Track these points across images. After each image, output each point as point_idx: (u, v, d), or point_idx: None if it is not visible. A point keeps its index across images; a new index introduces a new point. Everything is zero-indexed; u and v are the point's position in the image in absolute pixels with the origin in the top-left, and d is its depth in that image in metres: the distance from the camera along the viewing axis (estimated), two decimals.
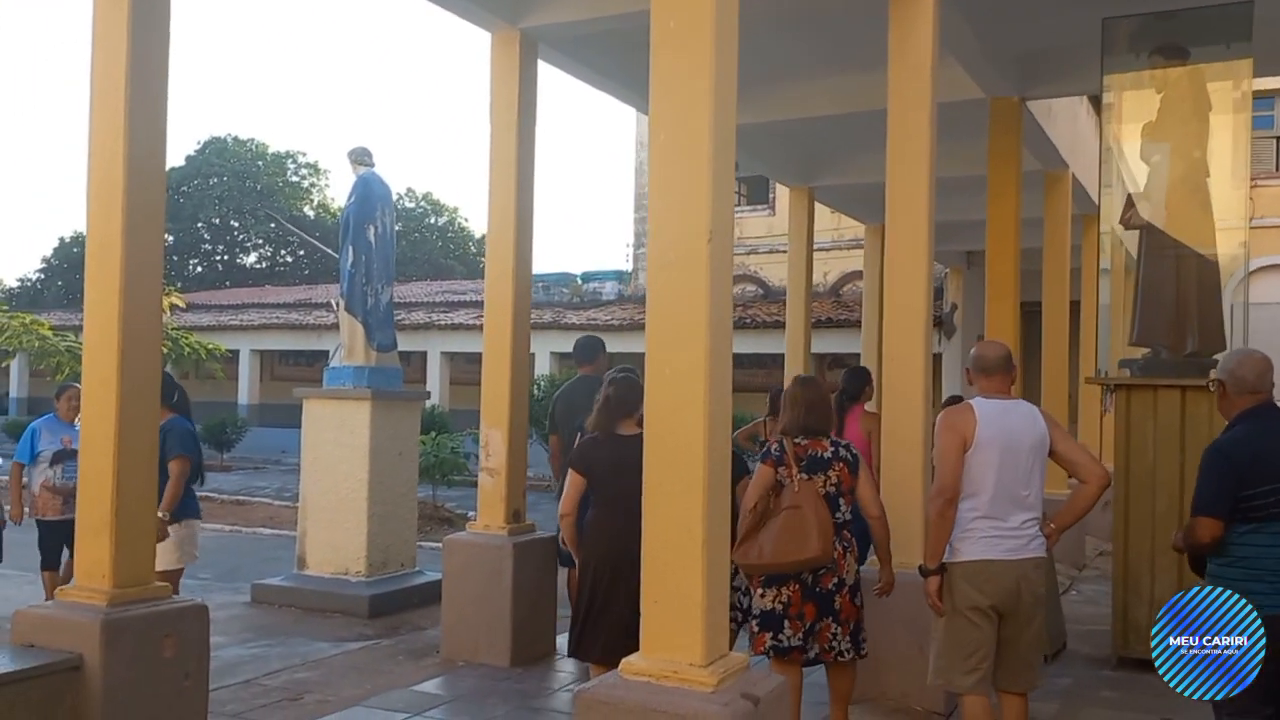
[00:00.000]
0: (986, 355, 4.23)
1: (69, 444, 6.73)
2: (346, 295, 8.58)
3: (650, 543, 3.27)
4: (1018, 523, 4.04)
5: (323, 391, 8.59)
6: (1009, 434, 4.04)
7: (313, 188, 42.74)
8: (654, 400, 3.30)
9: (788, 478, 4.40)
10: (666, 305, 3.31)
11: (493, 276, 6.64)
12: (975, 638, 4.03)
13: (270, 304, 27.42)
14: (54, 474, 6.90)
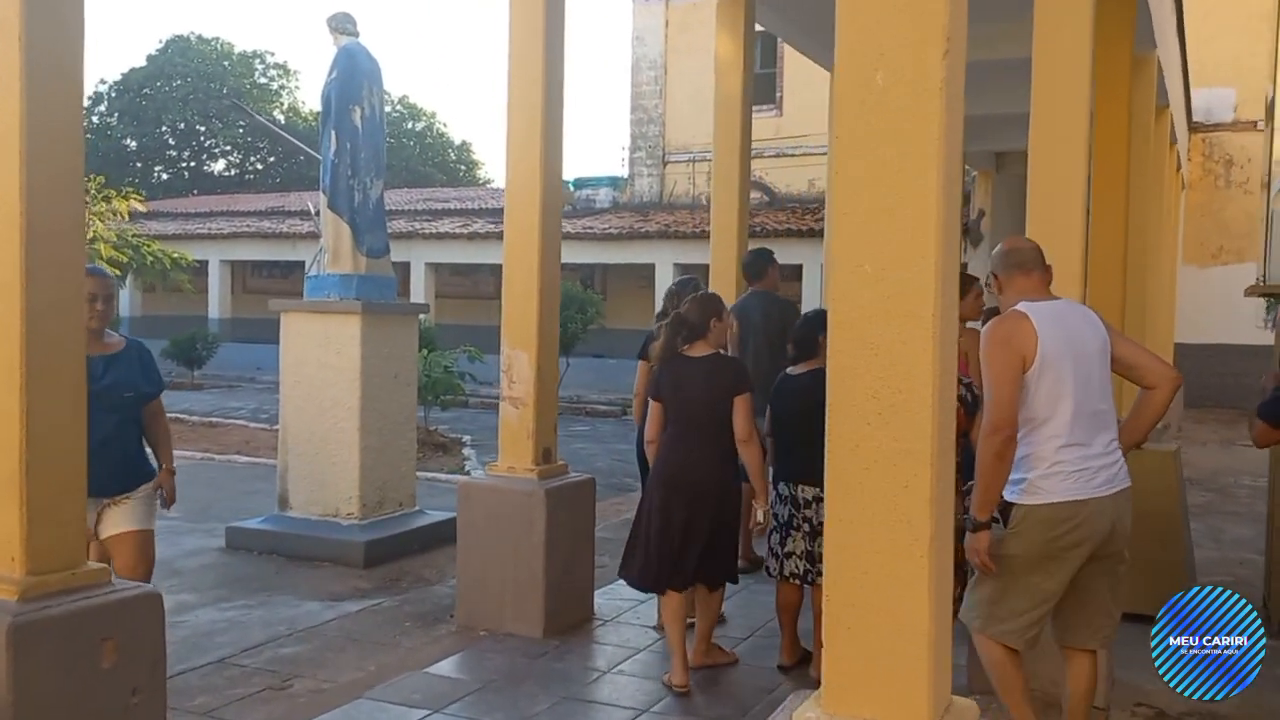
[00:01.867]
0: (1022, 248, 3.51)
1: None
2: (329, 191, 7.28)
3: (836, 538, 2.12)
4: (1102, 447, 3.33)
5: (304, 304, 7.34)
6: (1075, 340, 3.32)
7: (282, 90, 40.67)
8: (846, 316, 2.11)
9: None
10: (871, 163, 2.09)
11: (516, 171, 5.37)
12: (1047, 590, 3.34)
13: (241, 212, 25.83)
14: None
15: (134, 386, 4.17)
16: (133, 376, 4.18)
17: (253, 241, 23.31)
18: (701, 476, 4.49)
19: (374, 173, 7.35)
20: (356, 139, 7.21)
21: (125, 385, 4.13)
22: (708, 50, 21.16)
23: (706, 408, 4.47)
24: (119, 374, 4.11)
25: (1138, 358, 3.48)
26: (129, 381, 4.16)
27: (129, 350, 4.22)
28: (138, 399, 4.22)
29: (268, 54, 40.84)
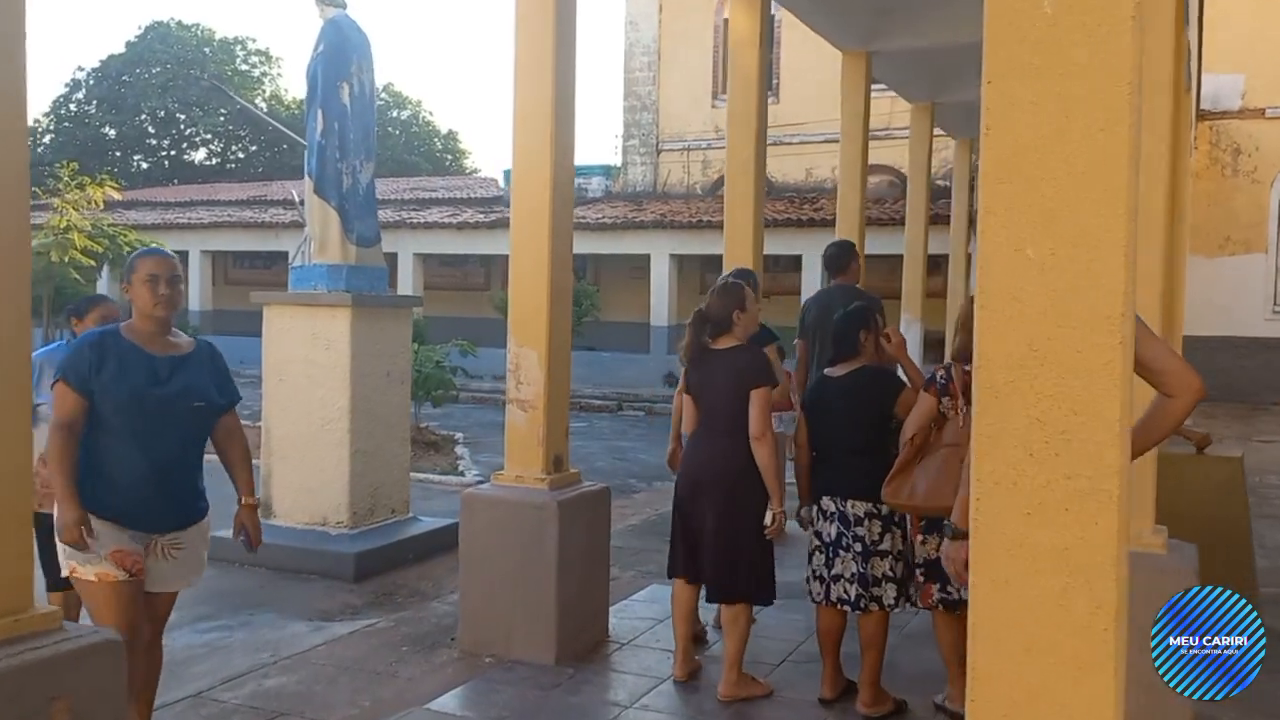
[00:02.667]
0: None
1: None
2: (316, 175, 6.76)
3: (985, 606, 1.64)
4: None
5: (289, 296, 6.83)
6: None
7: (264, 77, 39.94)
8: (999, 315, 1.64)
9: (952, 410, 3.83)
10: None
11: (524, 156, 4.88)
12: None
13: (222, 201, 25.18)
14: None
15: (204, 395, 3.41)
16: (203, 383, 3.41)
17: (234, 231, 22.68)
18: (718, 473, 4.25)
19: (364, 155, 6.84)
20: (345, 119, 6.70)
21: (194, 393, 3.38)
22: (703, 37, 20.84)
23: (726, 401, 4.26)
24: (187, 379, 3.37)
25: (1163, 361, 2.98)
26: (198, 389, 3.40)
27: (199, 352, 3.48)
28: (208, 411, 3.46)
29: (249, 40, 40.14)
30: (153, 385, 3.28)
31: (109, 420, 3.26)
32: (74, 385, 3.24)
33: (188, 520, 3.44)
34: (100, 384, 3.24)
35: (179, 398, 3.33)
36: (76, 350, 3.32)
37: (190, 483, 3.44)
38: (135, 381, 3.27)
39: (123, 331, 3.39)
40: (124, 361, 3.28)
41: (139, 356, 3.32)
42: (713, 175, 20.93)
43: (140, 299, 3.36)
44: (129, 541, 3.29)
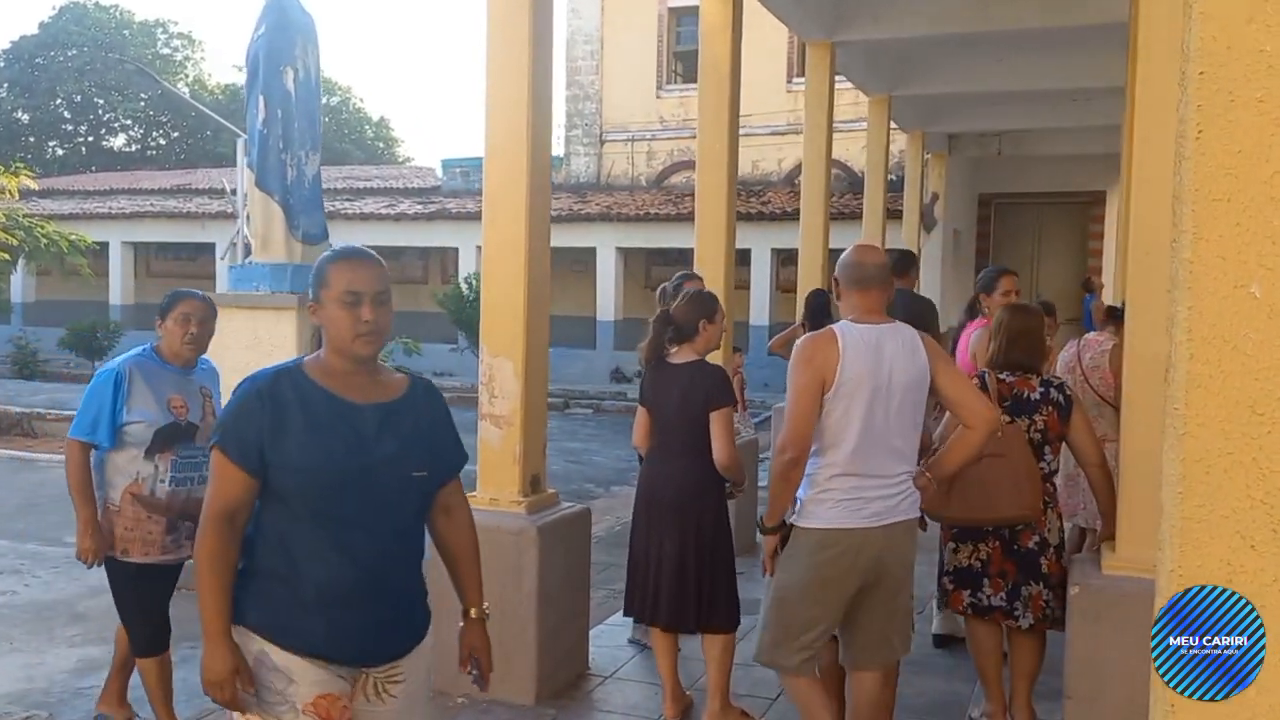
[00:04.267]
0: (865, 263, 3.33)
1: (182, 410, 3.71)
2: (257, 166, 6.25)
3: None
4: (887, 479, 3.21)
5: (228, 297, 6.29)
6: (882, 369, 3.16)
7: (187, 61, 38.61)
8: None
9: None
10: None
11: (498, 152, 4.47)
12: (815, 615, 3.28)
13: (144, 190, 24.12)
14: (152, 472, 3.66)
15: (427, 459, 2.37)
16: (423, 442, 2.37)
17: (157, 222, 21.74)
18: (673, 496, 4.05)
19: (309, 145, 6.35)
20: (289, 105, 6.20)
21: (414, 457, 2.34)
22: (647, 25, 20.44)
23: (682, 421, 4.04)
24: (405, 437, 2.33)
25: (959, 394, 3.27)
26: (419, 450, 2.35)
27: (415, 395, 2.40)
28: (432, 481, 2.43)
29: (170, 23, 38.99)
30: (358, 451, 2.24)
31: (292, 504, 2.24)
32: (237, 459, 2.20)
33: (409, 643, 2.39)
34: (280, 454, 2.20)
35: (393, 465, 2.28)
36: (240, 403, 2.25)
37: (410, 588, 2.40)
38: (332, 447, 2.22)
39: (308, 371, 2.31)
40: (314, 417, 2.23)
41: (335, 408, 2.26)
42: (657, 167, 20.59)
43: (337, 325, 2.26)
44: (331, 682, 2.26)
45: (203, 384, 3.88)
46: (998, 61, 10.35)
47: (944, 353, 3.34)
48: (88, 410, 3.67)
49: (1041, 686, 4.13)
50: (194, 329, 3.76)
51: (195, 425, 3.76)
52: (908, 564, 3.34)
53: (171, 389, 3.74)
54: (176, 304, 3.82)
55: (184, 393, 3.77)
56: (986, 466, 3.60)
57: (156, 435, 3.66)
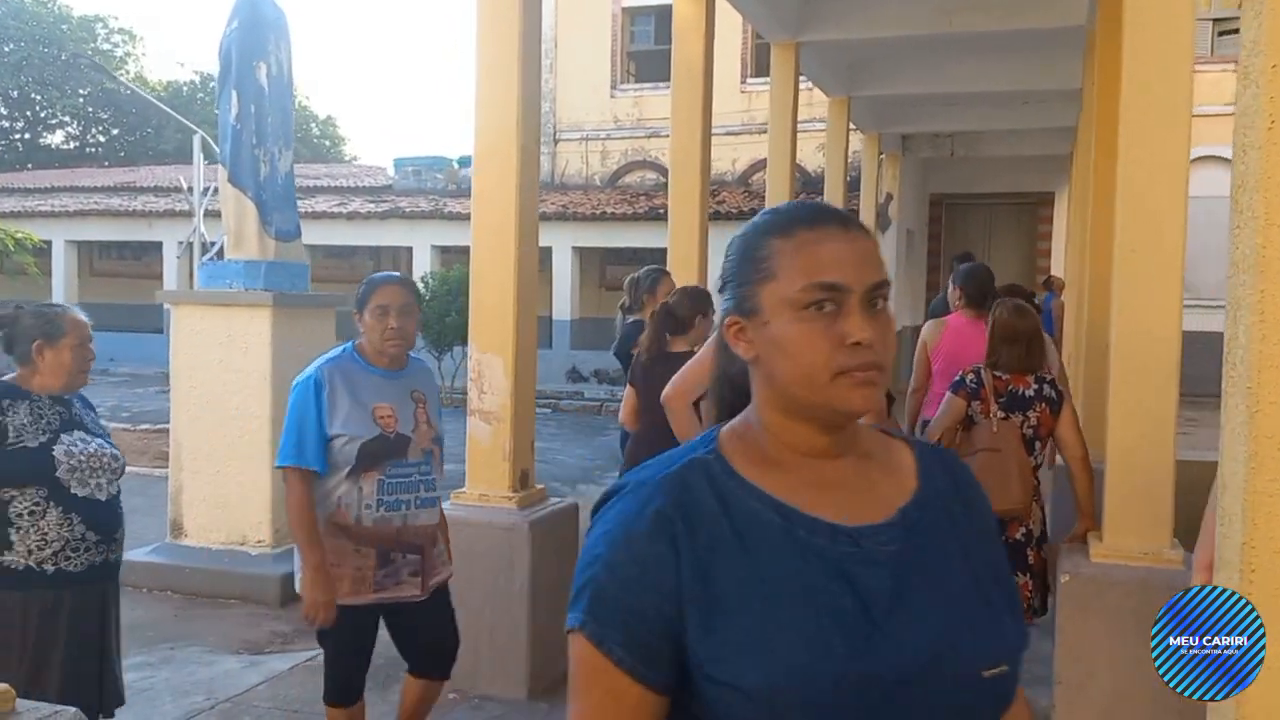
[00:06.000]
0: None
1: (390, 420, 3.15)
2: (230, 163, 6.17)
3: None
4: None
5: (201, 295, 6.24)
6: None
7: (128, 57, 37.76)
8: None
9: (983, 414, 3.94)
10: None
11: (486, 144, 4.52)
12: None
13: (85, 187, 23.57)
14: (356, 495, 3.12)
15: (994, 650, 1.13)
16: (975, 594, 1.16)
17: (102, 220, 21.27)
18: None
19: (282, 141, 6.29)
20: (262, 100, 6.13)
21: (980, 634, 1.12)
22: (601, 25, 20.45)
23: None
24: (933, 614, 1.10)
25: None
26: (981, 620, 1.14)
27: (933, 483, 1.19)
28: (1011, 678, 1.16)
29: (111, 18, 38.08)
30: (867, 636, 1.05)
31: None
32: (625, 661, 1.06)
33: None
34: (718, 649, 1.05)
35: (936, 667, 1.07)
36: (620, 536, 1.10)
37: None
38: (825, 633, 1.05)
39: (729, 456, 1.18)
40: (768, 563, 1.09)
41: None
42: (612, 166, 20.61)
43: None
44: None
45: (415, 387, 3.29)
46: (956, 64, 10.55)
47: None
48: (292, 430, 3.12)
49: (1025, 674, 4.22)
50: (394, 322, 3.17)
51: (407, 437, 3.17)
52: None
53: (377, 395, 3.15)
54: (372, 293, 3.22)
55: (392, 399, 3.18)
56: (981, 460, 3.74)
57: (361, 451, 3.09)
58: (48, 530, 2.97)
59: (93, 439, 3.14)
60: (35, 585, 2.96)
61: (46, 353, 3.07)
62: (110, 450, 3.19)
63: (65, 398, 3.15)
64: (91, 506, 3.05)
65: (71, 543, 3.00)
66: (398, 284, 3.27)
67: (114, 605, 3.21)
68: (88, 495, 3.04)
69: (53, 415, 3.07)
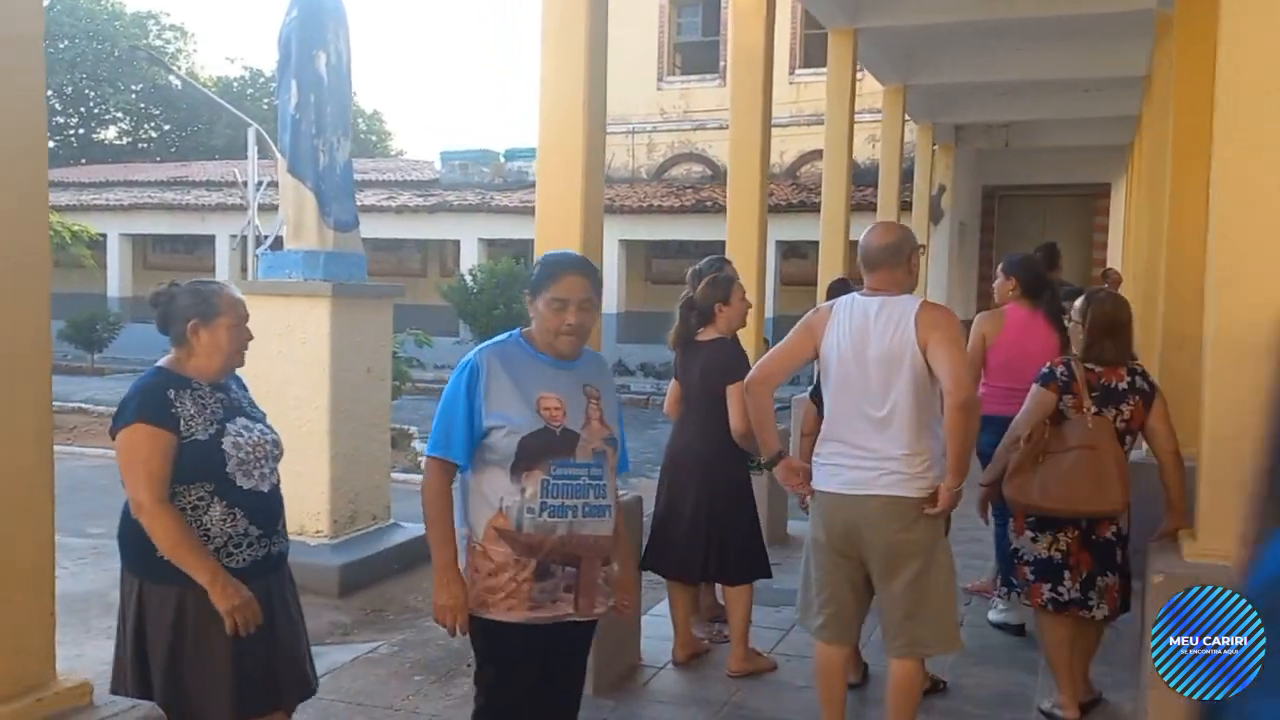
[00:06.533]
0: (868, 245, 3.45)
1: (556, 412, 2.78)
2: (289, 152, 6.15)
3: None
4: (867, 450, 3.28)
5: (259, 285, 6.22)
6: (862, 341, 3.29)
7: (179, 54, 38.26)
8: None
9: (1075, 409, 3.77)
10: None
11: (550, 140, 4.43)
12: (818, 577, 3.50)
13: (139, 182, 23.93)
14: (518, 497, 2.75)
15: None
16: None
17: (156, 213, 21.57)
18: (693, 459, 4.51)
19: (341, 131, 6.26)
20: (321, 90, 6.10)
21: None
22: (648, 16, 20.32)
23: (703, 393, 4.48)
24: None
25: (940, 367, 3.21)
26: None
27: None
28: None
29: (162, 15, 38.45)
30: None
31: None
32: None
33: None
34: None
35: None
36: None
37: None
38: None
39: None
40: None
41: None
42: (658, 159, 20.52)
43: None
44: None
45: (588, 380, 2.88)
46: (1015, 50, 10.32)
47: (945, 327, 3.26)
48: (441, 417, 2.82)
49: (1106, 678, 4.11)
50: (572, 318, 2.77)
51: (575, 434, 2.77)
52: (898, 546, 3.29)
53: (543, 384, 2.78)
54: (550, 282, 2.80)
55: (561, 390, 2.80)
56: (1077, 458, 3.65)
57: (522, 446, 2.71)
58: (210, 526, 2.76)
59: (254, 425, 2.93)
60: (196, 582, 2.74)
61: (202, 333, 2.84)
62: (271, 436, 2.98)
63: (223, 382, 2.96)
64: (254, 499, 2.83)
65: (234, 539, 2.79)
66: (580, 273, 2.83)
67: (283, 595, 2.97)
68: (252, 487, 2.83)
69: (215, 403, 2.85)
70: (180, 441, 2.71)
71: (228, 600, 2.67)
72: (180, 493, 2.73)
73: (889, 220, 4.07)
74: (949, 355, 3.19)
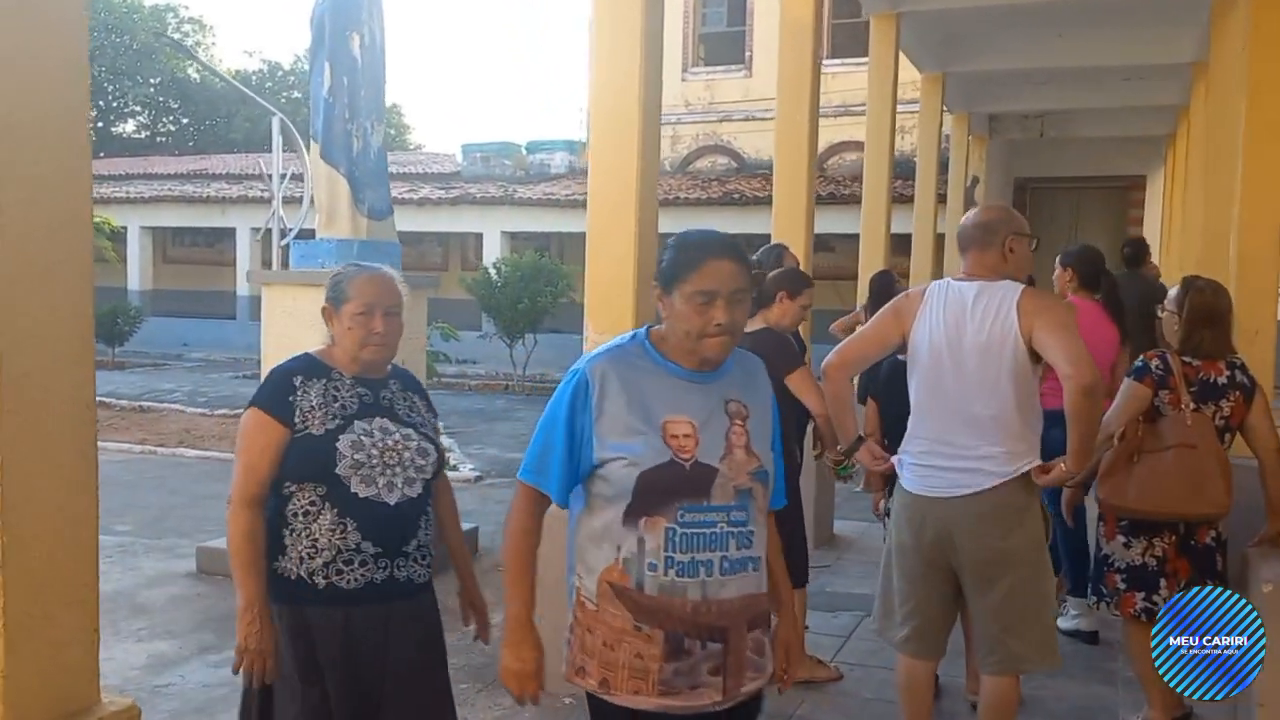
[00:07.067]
0: (964, 224, 3.26)
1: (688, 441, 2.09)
2: (322, 137, 5.96)
3: None
4: (961, 449, 3.04)
5: (293, 275, 6.04)
6: (950, 329, 3.06)
7: (198, 46, 38.15)
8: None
9: (1172, 406, 3.53)
10: None
11: (603, 119, 4.24)
12: (902, 586, 3.25)
13: (159, 175, 23.81)
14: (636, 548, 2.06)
15: None
16: None
17: (177, 206, 21.44)
18: None
19: (375, 115, 6.08)
20: (355, 73, 5.91)
21: None
22: (672, 7, 20.00)
23: None
24: None
25: (1054, 352, 2.93)
26: None
27: None
28: None
29: (181, 7, 38.31)
30: None
31: None
32: None
33: None
34: None
35: None
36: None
37: None
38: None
39: None
40: None
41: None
42: (682, 151, 20.28)
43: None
44: None
45: (731, 395, 2.17)
46: (1058, 35, 10.05)
47: (1052, 311, 3.02)
48: (538, 436, 2.19)
49: None
50: (721, 316, 2.06)
51: (711, 468, 2.08)
52: (995, 555, 3.05)
53: (671, 403, 2.10)
54: (690, 268, 2.08)
55: (694, 410, 2.11)
56: (1175, 457, 3.43)
57: (641, 483, 2.05)
58: (318, 535, 2.45)
59: (397, 429, 2.57)
60: (307, 600, 2.46)
61: (334, 321, 2.58)
62: (418, 443, 2.59)
63: (381, 377, 2.64)
64: (372, 511, 2.47)
65: (344, 553, 2.45)
66: (730, 257, 2.10)
67: (405, 633, 2.55)
68: (371, 496, 2.47)
69: (350, 398, 2.54)
70: (293, 435, 2.46)
71: (244, 636, 2.41)
72: (294, 493, 2.48)
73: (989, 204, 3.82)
74: (1061, 338, 2.93)
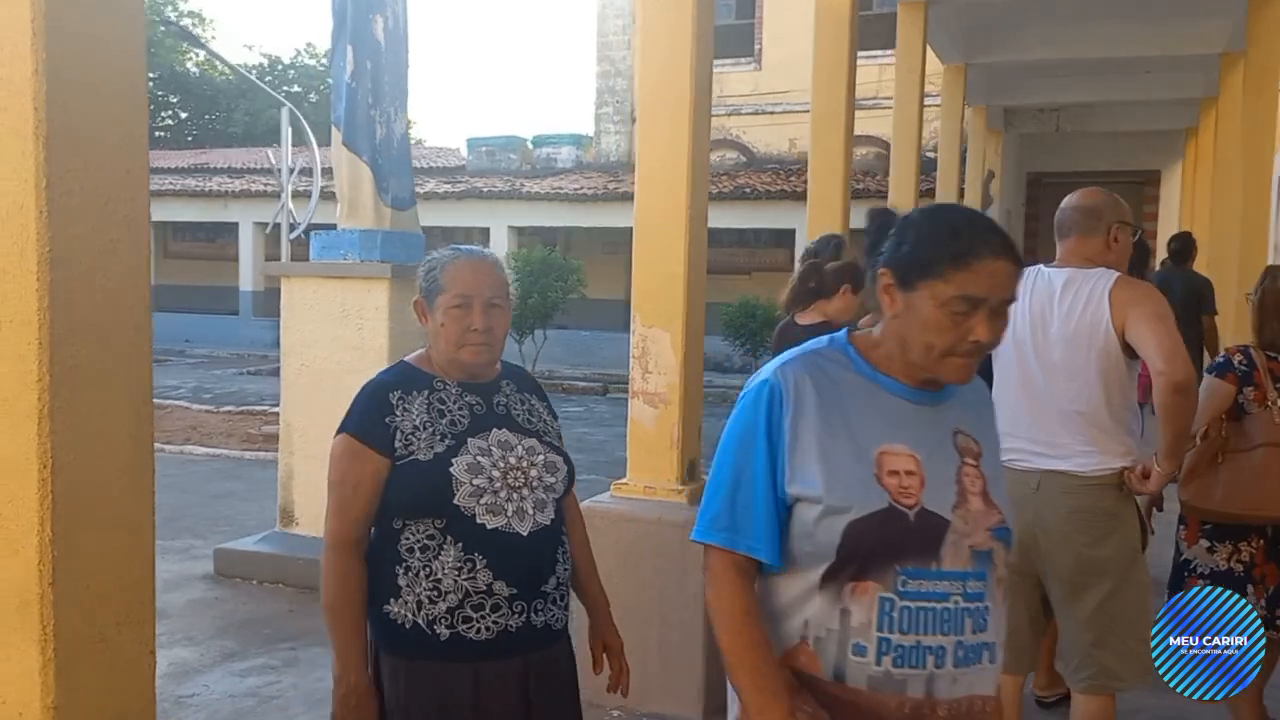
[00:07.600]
0: (1063, 208, 3.10)
1: (910, 480, 1.57)
2: (345, 124, 5.73)
3: None
4: (1057, 448, 2.87)
5: (314, 267, 5.81)
6: (1035, 317, 2.92)
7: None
8: None
9: (1258, 403, 3.33)
10: None
11: (649, 105, 4.02)
12: None
13: (159, 169, 23.53)
14: (837, 622, 1.56)
15: None
16: None
17: (179, 200, 21.20)
18: None
19: (399, 102, 5.85)
20: (379, 57, 5.68)
21: None
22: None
23: None
24: None
25: (1144, 345, 2.78)
26: None
27: None
28: None
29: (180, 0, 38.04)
30: None
31: None
32: None
33: None
34: None
35: None
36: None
37: None
38: None
39: None
40: None
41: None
42: None
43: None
44: None
45: (961, 425, 1.67)
46: (1084, 25, 9.85)
47: (1146, 302, 2.84)
48: (721, 479, 1.65)
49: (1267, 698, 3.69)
50: (983, 333, 1.56)
51: (943, 520, 1.57)
52: (1085, 563, 2.87)
53: (887, 430, 1.61)
54: (959, 264, 1.55)
55: (917, 441, 1.61)
56: (1264, 456, 3.24)
57: (849, 536, 1.55)
58: (441, 578, 2.02)
59: (519, 441, 2.14)
60: (425, 654, 2.04)
61: (426, 318, 2.18)
62: (544, 456, 2.16)
63: (491, 381, 2.20)
64: (504, 545, 2.03)
65: (472, 598, 2.02)
66: (1009, 258, 1.56)
67: (547, 690, 2.13)
68: (501, 528, 2.04)
69: (459, 411, 2.12)
70: (394, 464, 2.05)
71: (343, 706, 2.07)
72: (408, 529, 2.06)
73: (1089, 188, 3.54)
74: (1155, 331, 2.76)
